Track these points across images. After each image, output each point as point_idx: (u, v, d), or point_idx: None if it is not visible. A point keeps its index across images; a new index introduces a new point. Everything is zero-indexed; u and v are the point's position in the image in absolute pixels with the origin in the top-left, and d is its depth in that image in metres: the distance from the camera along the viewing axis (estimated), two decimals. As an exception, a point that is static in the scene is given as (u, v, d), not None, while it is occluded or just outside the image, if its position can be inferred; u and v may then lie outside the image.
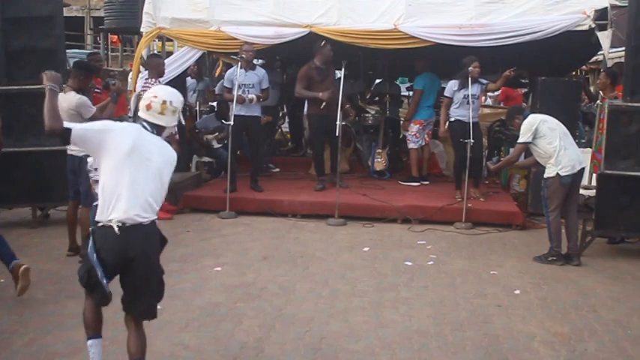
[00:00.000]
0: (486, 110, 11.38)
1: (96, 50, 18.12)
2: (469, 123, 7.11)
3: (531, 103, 8.68)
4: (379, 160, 9.04)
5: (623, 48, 6.60)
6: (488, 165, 6.25)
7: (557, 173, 5.76)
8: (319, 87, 7.70)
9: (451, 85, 7.55)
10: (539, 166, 6.10)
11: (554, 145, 5.78)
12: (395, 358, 3.91)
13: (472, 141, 7.06)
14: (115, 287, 3.30)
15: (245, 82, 7.58)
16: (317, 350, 3.98)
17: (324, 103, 7.64)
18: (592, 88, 10.95)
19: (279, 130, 11.49)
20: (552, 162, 5.79)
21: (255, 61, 8.09)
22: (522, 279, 5.45)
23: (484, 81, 7.52)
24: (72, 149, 5.63)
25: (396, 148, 9.79)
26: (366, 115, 9.75)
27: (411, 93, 8.91)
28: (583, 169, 5.88)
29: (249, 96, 7.58)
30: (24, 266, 4.68)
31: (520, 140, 5.96)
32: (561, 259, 5.86)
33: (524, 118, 5.99)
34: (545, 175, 5.88)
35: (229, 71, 7.90)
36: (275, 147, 10.59)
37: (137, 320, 3.33)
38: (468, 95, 7.25)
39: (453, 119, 7.53)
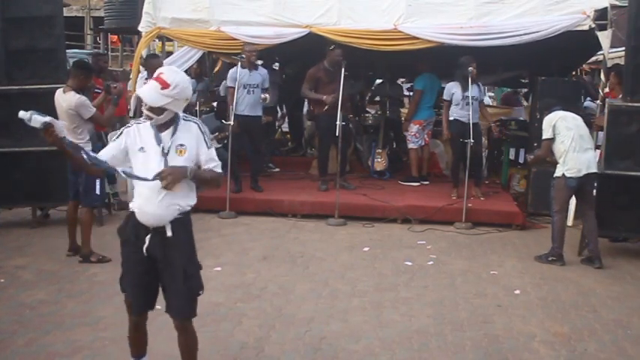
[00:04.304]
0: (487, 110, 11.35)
1: (100, 51, 18.14)
2: (468, 123, 7.11)
3: (531, 103, 8.69)
4: (379, 160, 9.04)
5: (623, 48, 6.60)
6: (527, 157, 6.27)
7: (563, 174, 5.75)
8: (326, 88, 7.68)
9: (450, 88, 7.54)
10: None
11: (565, 144, 5.74)
12: (395, 358, 3.91)
13: (472, 141, 7.07)
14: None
15: (250, 81, 7.60)
16: (317, 350, 3.98)
17: (327, 106, 7.64)
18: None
19: (279, 130, 11.49)
20: (560, 161, 5.78)
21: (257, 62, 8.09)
22: (522, 279, 5.45)
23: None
24: (72, 149, 5.63)
25: (396, 148, 9.79)
26: (366, 115, 9.74)
27: (411, 93, 8.91)
28: (593, 174, 5.78)
29: (263, 95, 7.69)
30: None
31: (543, 137, 5.92)
32: (561, 260, 5.86)
33: (549, 114, 5.93)
34: (554, 175, 5.89)
35: (231, 71, 7.87)
36: (274, 147, 10.58)
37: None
38: (468, 96, 7.24)
39: (452, 118, 7.54)
